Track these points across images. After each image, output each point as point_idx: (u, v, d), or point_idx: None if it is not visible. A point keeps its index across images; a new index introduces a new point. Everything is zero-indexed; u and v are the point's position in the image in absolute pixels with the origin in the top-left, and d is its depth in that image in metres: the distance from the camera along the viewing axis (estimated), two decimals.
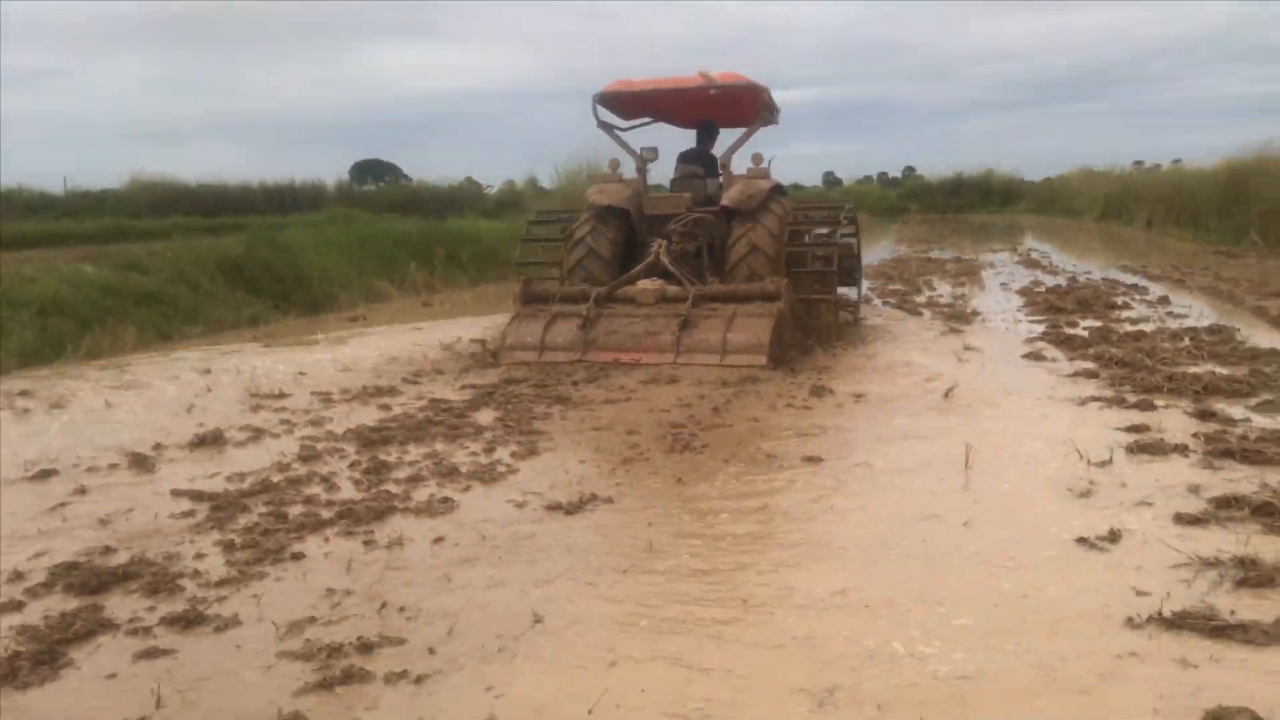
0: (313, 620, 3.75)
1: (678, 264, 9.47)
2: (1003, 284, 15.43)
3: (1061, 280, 15.38)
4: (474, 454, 6.05)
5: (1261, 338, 9.22)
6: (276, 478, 5.61)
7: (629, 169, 10.62)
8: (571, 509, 4.90)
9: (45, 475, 5.80)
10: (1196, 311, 11.32)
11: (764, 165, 10.18)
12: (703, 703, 3.05)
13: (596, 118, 10.41)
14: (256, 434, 6.70)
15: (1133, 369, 7.71)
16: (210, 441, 6.48)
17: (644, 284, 9.29)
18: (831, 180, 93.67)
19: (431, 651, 3.44)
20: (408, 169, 61.84)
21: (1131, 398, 6.71)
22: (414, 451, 6.14)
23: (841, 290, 10.85)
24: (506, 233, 20.09)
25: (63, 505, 5.26)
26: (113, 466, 5.98)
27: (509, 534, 4.62)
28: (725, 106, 10.66)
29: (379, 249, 15.90)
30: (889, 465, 5.49)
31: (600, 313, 9.10)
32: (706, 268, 9.81)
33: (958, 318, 11.27)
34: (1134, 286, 14.07)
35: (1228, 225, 23.17)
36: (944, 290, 14.66)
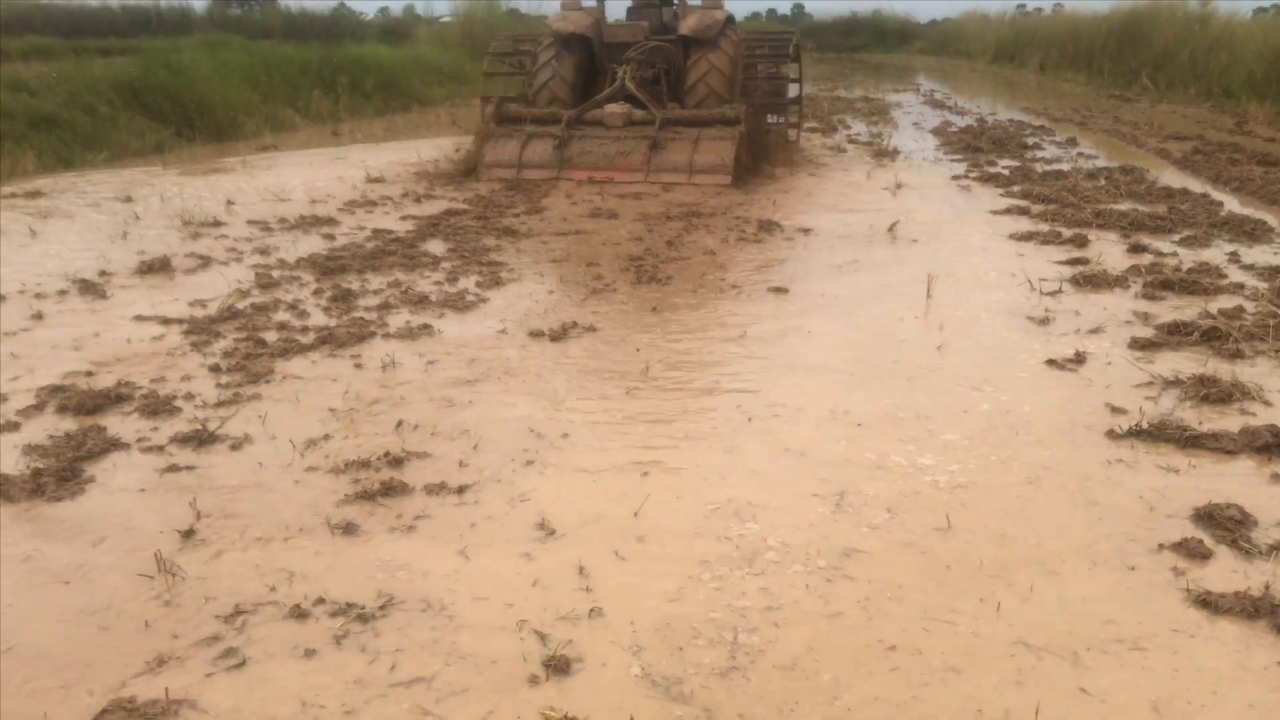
0: (327, 438, 3.80)
1: (641, 89, 9.83)
2: (915, 123, 15.61)
3: (970, 121, 15.66)
4: (438, 283, 6.03)
5: (1171, 178, 9.66)
6: (241, 304, 5.53)
7: None
8: (556, 336, 4.98)
9: None
10: (1104, 153, 11.73)
11: None
12: (736, 503, 3.24)
13: None
14: (204, 261, 6.53)
15: (1060, 205, 8.03)
16: (159, 269, 6.29)
17: (612, 108, 9.65)
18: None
19: (462, 464, 3.54)
20: None
21: (1066, 232, 7.02)
22: (375, 280, 6.08)
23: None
24: (411, 61, 19.37)
25: (24, 331, 5.10)
26: (62, 293, 5.78)
27: (500, 358, 4.69)
28: None
29: (281, 75, 15.12)
30: (853, 294, 5.69)
31: (572, 134, 9.58)
32: (664, 93, 10.16)
33: (882, 154, 11.44)
34: (1040, 128, 14.43)
35: (1120, 69, 23.79)
36: (859, 128, 14.77)
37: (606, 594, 2.74)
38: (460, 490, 3.33)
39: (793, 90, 12.24)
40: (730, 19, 10.46)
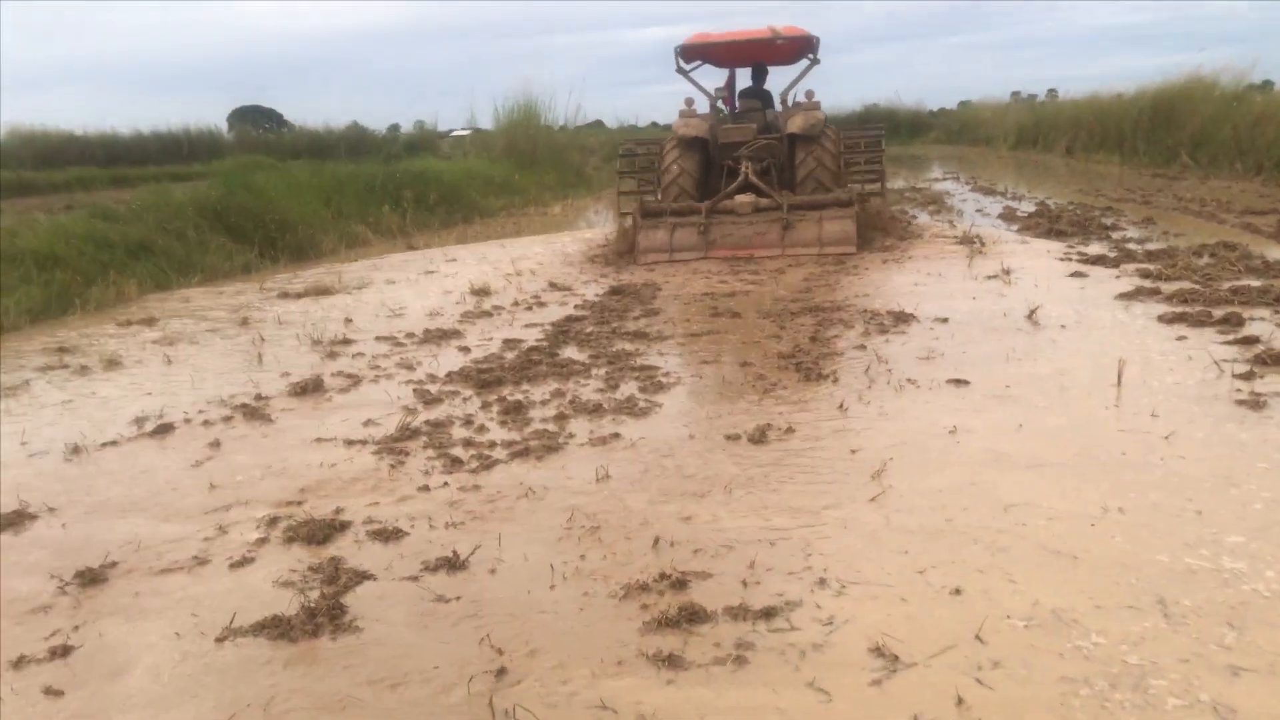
0: (583, 557, 3.64)
1: (760, 180, 11.53)
2: (978, 209, 15.66)
3: (1030, 205, 15.69)
4: (601, 391, 5.92)
5: (1275, 251, 9.56)
6: (414, 422, 5.41)
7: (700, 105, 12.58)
8: (756, 439, 4.84)
9: (163, 431, 5.50)
10: (1189, 231, 11.67)
11: (815, 99, 12.24)
12: (1048, 612, 3.06)
13: (677, 64, 12.52)
14: (353, 379, 6.45)
15: (1187, 284, 7.92)
16: (312, 390, 6.21)
17: (741, 198, 11.25)
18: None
19: (748, 584, 3.36)
20: (289, 114, 59.95)
21: (1215, 312, 6.89)
22: (535, 391, 5.98)
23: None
24: (464, 173, 19.65)
25: (209, 460, 5.00)
26: (227, 419, 5.69)
27: (709, 464, 4.54)
28: (783, 52, 12.82)
29: (352, 192, 15.32)
30: (1036, 384, 5.53)
31: (711, 221, 11.07)
32: (775, 182, 11.77)
33: (968, 240, 11.38)
34: (1108, 209, 14.43)
35: (1156, 149, 23.96)
36: (924, 218, 14.79)
37: None
38: (767, 615, 3.14)
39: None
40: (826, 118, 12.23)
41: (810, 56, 12.76)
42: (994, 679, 2.76)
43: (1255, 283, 7.85)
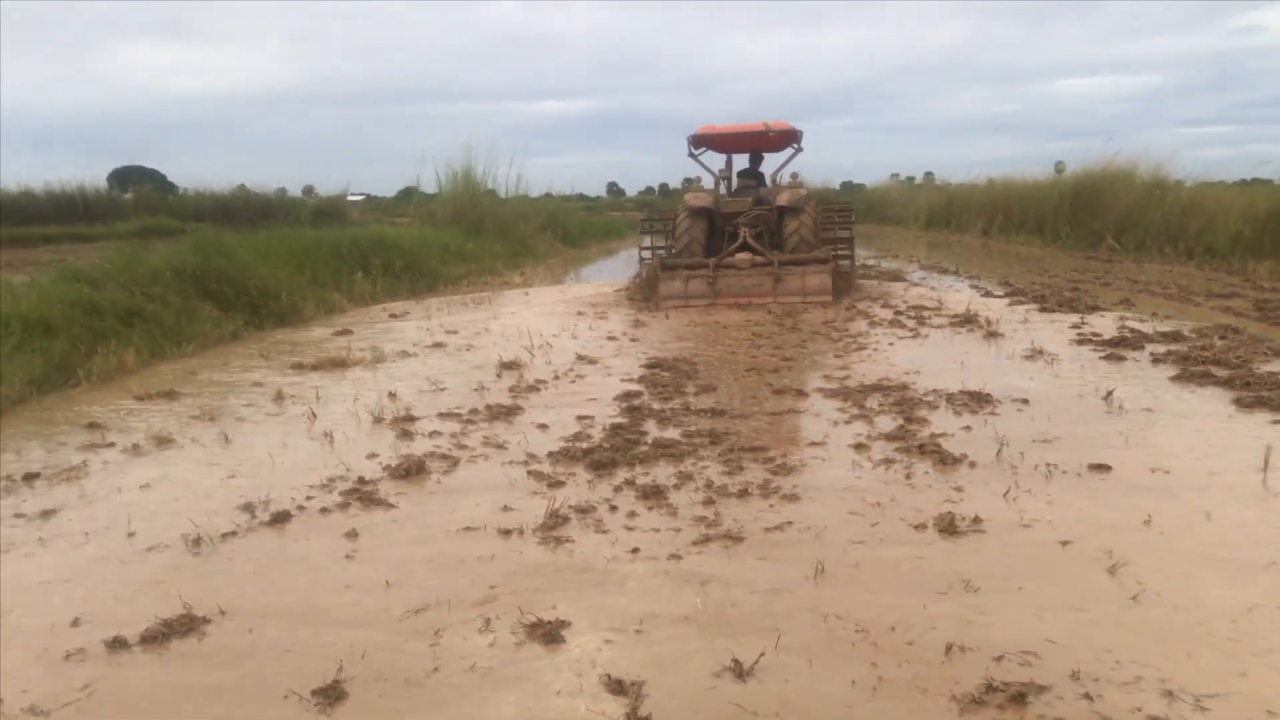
0: (875, 667, 3.39)
1: (755, 242, 14.32)
2: (951, 289, 15.93)
3: (994, 285, 16.06)
4: (727, 474, 5.67)
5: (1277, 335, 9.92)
6: (557, 506, 5.09)
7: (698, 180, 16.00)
8: (945, 529, 4.66)
9: (281, 519, 5.05)
10: (1175, 313, 12.03)
11: (799, 179, 15.25)
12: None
13: (689, 149, 15.72)
14: (451, 461, 6.08)
15: (1226, 367, 8.11)
16: (415, 472, 5.82)
17: (740, 256, 13.97)
18: (616, 190, 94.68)
19: (1089, 698, 3.16)
20: (171, 175, 58.74)
21: (1270, 395, 7.03)
22: (656, 473, 5.72)
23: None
24: (421, 241, 19.22)
25: (355, 553, 4.59)
26: (342, 506, 5.26)
27: (920, 557, 4.35)
28: (773, 141, 15.78)
29: (321, 259, 14.77)
30: (1182, 466, 5.51)
31: (717, 275, 13.68)
32: (767, 245, 14.54)
33: (969, 322, 11.51)
34: (1074, 288, 14.88)
35: (1080, 233, 24.94)
36: (911, 293, 14.94)
37: None
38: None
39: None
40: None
41: (795, 146, 15.89)
42: None
43: None
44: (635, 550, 4.51)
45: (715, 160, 17.03)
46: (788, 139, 15.64)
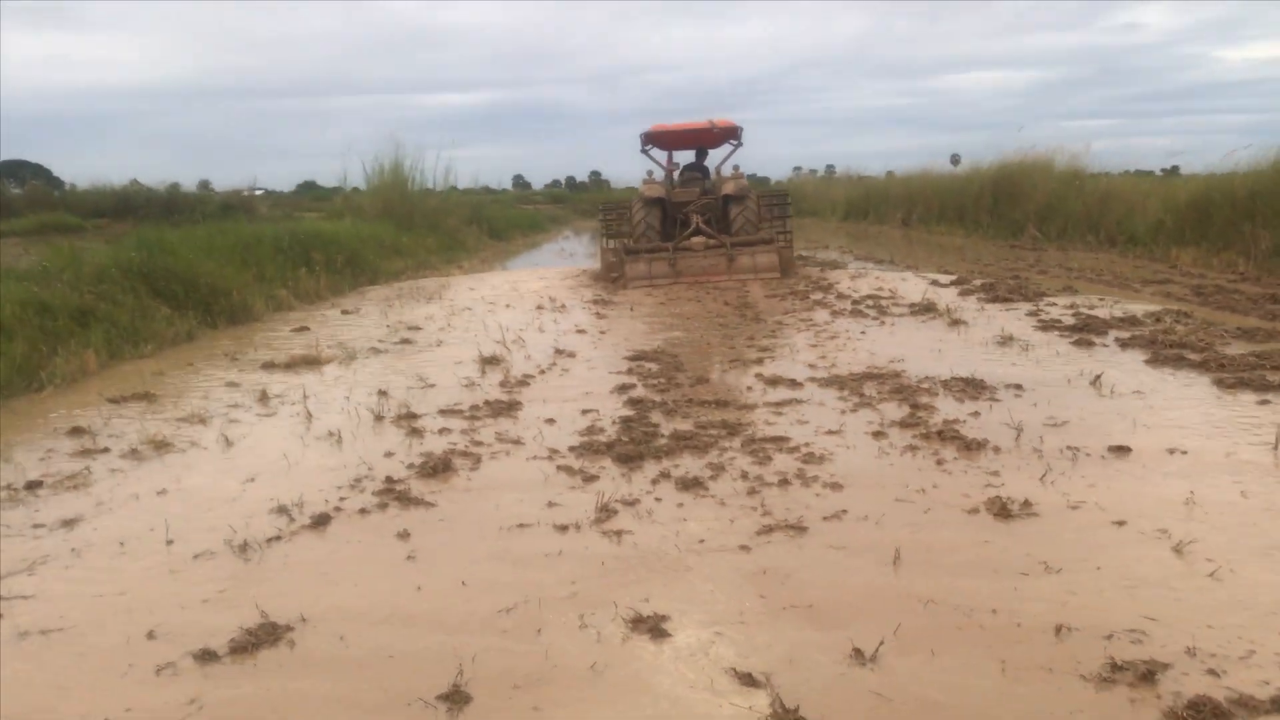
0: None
1: (706, 228, 16.22)
2: (895, 276, 16.18)
3: (935, 275, 16.35)
4: (758, 464, 5.68)
5: (1231, 320, 10.31)
6: (605, 499, 5.03)
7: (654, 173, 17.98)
8: (998, 512, 4.73)
9: (322, 522, 4.89)
10: (1123, 299, 12.41)
11: (740, 171, 17.53)
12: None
13: (641, 146, 18.06)
14: (473, 459, 5.96)
15: (1193, 350, 8.40)
16: (443, 469, 5.70)
17: (694, 240, 15.86)
18: (521, 183, 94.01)
19: (1214, 674, 3.24)
20: (57, 170, 56.64)
21: (1273, 377, 7.30)
22: (686, 466, 5.69)
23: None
24: (355, 235, 18.80)
25: (415, 554, 4.47)
26: (381, 506, 5.12)
27: (981, 539, 4.41)
28: (716, 137, 17.88)
29: (265, 254, 14.32)
30: (1197, 447, 5.68)
31: (676, 257, 15.43)
32: (715, 229, 16.35)
33: (929, 310, 11.68)
34: (1014, 277, 15.25)
35: (1001, 222, 25.59)
36: (846, 286, 15.12)
37: None
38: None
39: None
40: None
41: (733, 142, 17.99)
42: None
43: (1259, 347, 8.42)
44: (701, 541, 4.49)
45: (662, 155, 18.62)
46: (729, 135, 17.73)
